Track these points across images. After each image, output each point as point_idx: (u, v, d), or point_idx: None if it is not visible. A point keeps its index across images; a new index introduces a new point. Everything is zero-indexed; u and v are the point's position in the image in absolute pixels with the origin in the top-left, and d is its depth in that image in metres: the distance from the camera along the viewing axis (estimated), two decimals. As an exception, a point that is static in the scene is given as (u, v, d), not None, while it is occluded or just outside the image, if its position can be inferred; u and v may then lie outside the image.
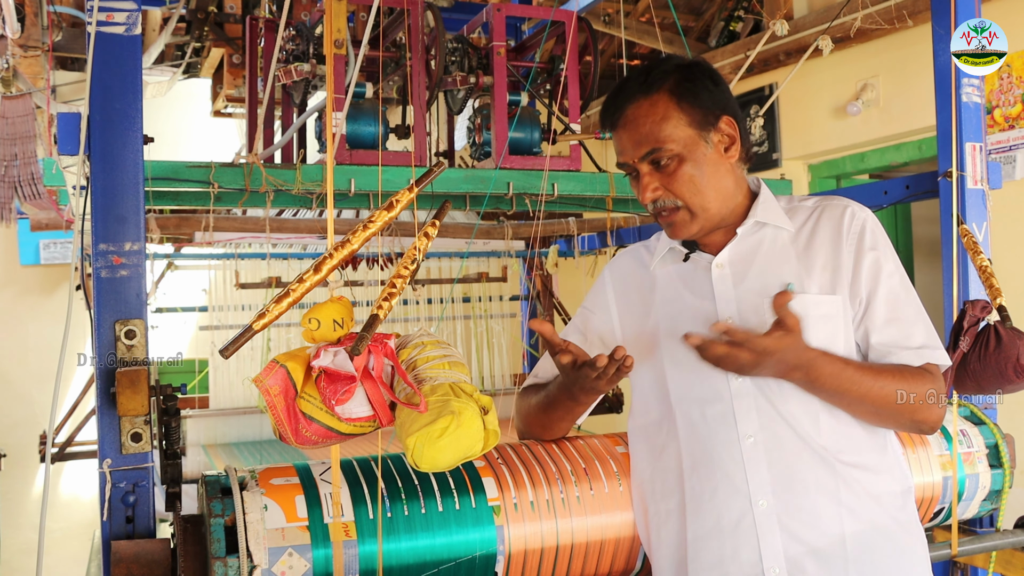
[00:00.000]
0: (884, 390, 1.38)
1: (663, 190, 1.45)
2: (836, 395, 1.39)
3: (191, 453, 2.95)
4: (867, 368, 1.40)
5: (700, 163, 1.45)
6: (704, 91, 1.46)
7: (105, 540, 1.54)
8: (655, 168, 1.45)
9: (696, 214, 1.46)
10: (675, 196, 1.45)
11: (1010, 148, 3.72)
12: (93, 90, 1.59)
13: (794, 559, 1.39)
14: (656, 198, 1.46)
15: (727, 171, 1.49)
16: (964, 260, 2.16)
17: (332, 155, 1.62)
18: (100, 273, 1.58)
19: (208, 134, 5.76)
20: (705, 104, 1.46)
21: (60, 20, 3.33)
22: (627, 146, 1.47)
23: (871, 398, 1.39)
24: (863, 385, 1.38)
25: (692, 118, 1.45)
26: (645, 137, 1.44)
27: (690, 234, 1.48)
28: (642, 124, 1.45)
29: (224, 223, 2.76)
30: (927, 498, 1.87)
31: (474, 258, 3.53)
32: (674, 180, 1.44)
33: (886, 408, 1.40)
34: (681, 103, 1.45)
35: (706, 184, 1.45)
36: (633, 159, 1.47)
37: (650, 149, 1.44)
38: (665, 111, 1.44)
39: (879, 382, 1.38)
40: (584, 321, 1.65)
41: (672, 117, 1.44)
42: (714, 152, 1.46)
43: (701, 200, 1.45)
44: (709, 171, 1.45)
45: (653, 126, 1.44)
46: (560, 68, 2.62)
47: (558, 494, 1.56)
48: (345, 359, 1.25)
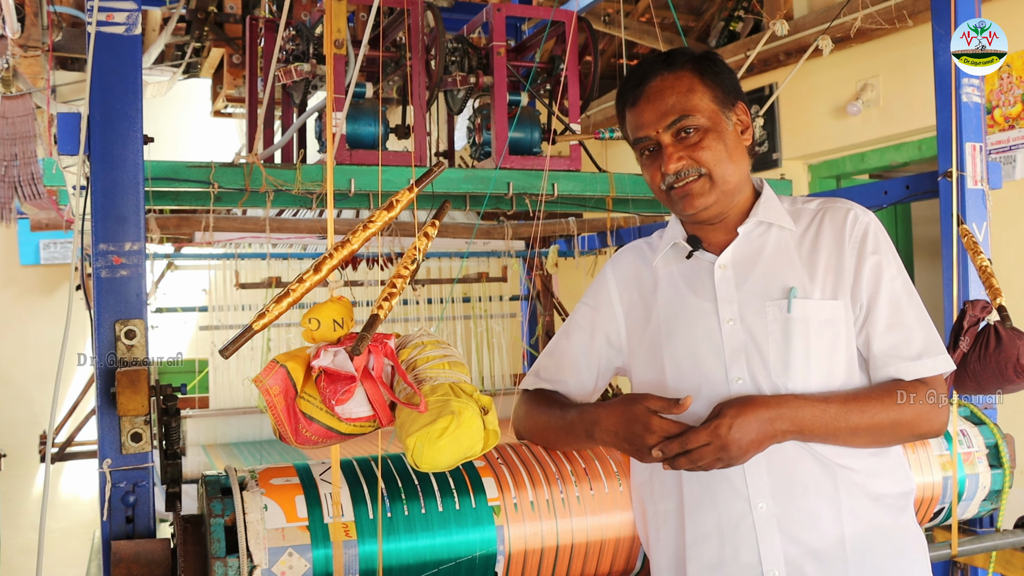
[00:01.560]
0: (875, 420, 1.38)
1: (688, 159, 1.45)
2: (831, 438, 1.39)
3: (191, 453, 2.95)
4: (852, 400, 1.39)
5: (724, 136, 1.47)
6: (724, 73, 1.50)
7: (105, 540, 1.54)
8: (678, 140, 1.46)
9: (716, 183, 1.46)
10: (699, 164, 1.45)
11: (1010, 148, 3.72)
12: (93, 90, 1.59)
13: (793, 561, 1.39)
14: (681, 168, 1.46)
15: (743, 153, 1.51)
16: (964, 260, 2.16)
17: (332, 155, 1.62)
18: (100, 273, 1.58)
19: (208, 134, 5.76)
20: (725, 85, 1.49)
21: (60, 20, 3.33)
22: (650, 118, 1.47)
23: (864, 430, 1.38)
24: (851, 421, 1.37)
25: (715, 95, 1.47)
26: (672, 107, 1.46)
27: (706, 205, 1.47)
28: (668, 95, 1.46)
29: (224, 223, 2.76)
30: (927, 498, 1.87)
31: (474, 258, 3.53)
32: (698, 149, 1.45)
33: (882, 434, 1.40)
34: (704, 79, 1.47)
35: (729, 156, 1.47)
36: (656, 130, 1.47)
37: (677, 117, 1.45)
38: (690, 84, 1.47)
39: (866, 414, 1.38)
40: (589, 319, 1.63)
41: (697, 90, 1.46)
42: (734, 130, 1.49)
43: (723, 170, 1.46)
44: (732, 145, 1.48)
45: (680, 97, 1.46)
46: (560, 68, 2.62)
47: (558, 494, 1.56)
48: (345, 359, 1.25)
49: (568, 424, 1.54)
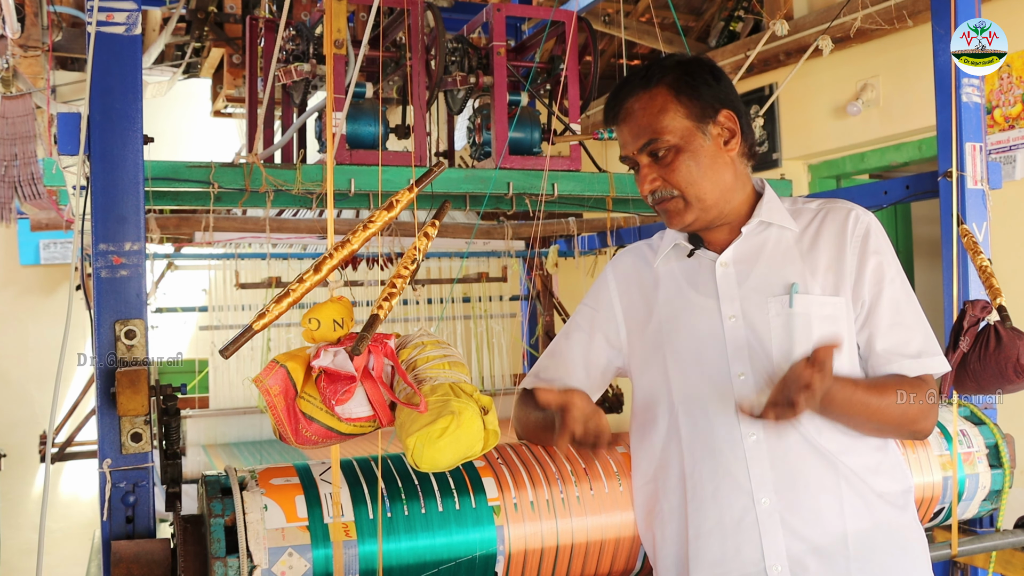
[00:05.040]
0: (888, 408, 1.40)
1: (661, 181, 1.47)
2: (846, 417, 1.40)
3: (191, 453, 2.95)
4: (872, 387, 1.41)
5: (697, 154, 1.46)
6: (703, 85, 1.48)
7: (105, 540, 1.54)
8: (654, 160, 1.47)
9: (691, 203, 1.47)
10: (672, 186, 1.47)
11: (1010, 148, 3.72)
12: (93, 90, 1.59)
13: (796, 557, 1.39)
14: (655, 189, 1.48)
15: (725, 164, 1.49)
16: (964, 260, 2.16)
17: (332, 155, 1.62)
18: (100, 273, 1.58)
19: (208, 134, 5.76)
20: (704, 97, 1.48)
21: (60, 20, 3.33)
22: (628, 139, 1.50)
23: (877, 417, 1.40)
24: (871, 406, 1.39)
25: (690, 111, 1.47)
26: (643, 129, 1.47)
27: (685, 223, 1.49)
28: (641, 117, 1.47)
29: (224, 223, 2.76)
30: (927, 498, 1.87)
31: (474, 258, 3.53)
32: (671, 171, 1.46)
33: (888, 424, 1.42)
34: (679, 96, 1.47)
35: (702, 175, 1.46)
36: (633, 151, 1.49)
37: (647, 140, 1.46)
38: (663, 103, 1.46)
39: (884, 400, 1.39)
40: (589, 320, 1.64)
41: (670, 109, 1.46)
42: (712, 144, 1.48)
43: (696, 190, 1.46)
44: (706, 162, 1.47)
45: (651, 118, 1.46)
46: (560, 68, 2.62)
47: (558, 494, 1.56)
48: (345, 359, 1.25)
49: (551, 422, 1.54)
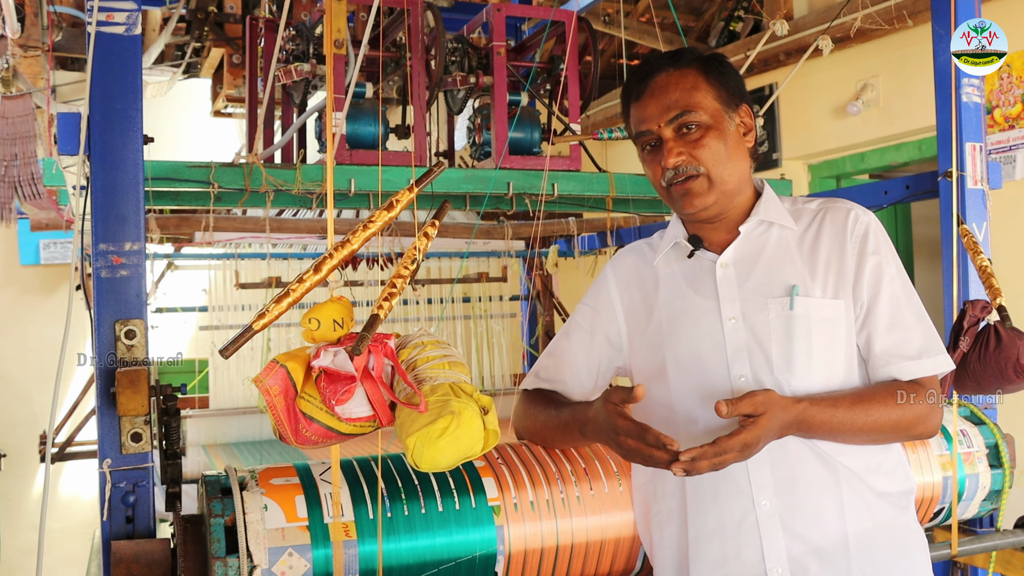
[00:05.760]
0: (877, 420, 1.39)
1: (688, 155, 1.46)
2: (831, 436, 1.40)
3: (191, 453, 2.95)
4: (857, 402, 1.40)
5: (724, 135, 1.47)
6: (729, 74, 1.51)
7: (105, 540, 1.54)
8: (679, 135, 1.47)
9: (714, 183, 1.47)
10: (698, 162, 1.46)
11: (1010, 148, 3.72)
12: (93, 90, 1.59)
13: (797, 559, 1.39)
14: (679, 163, 1.46)
15: (744, 155, 1.51)
16: (964, 260, 2.16)
17: (332, 155, 1.62)
18: (100, 273, 1.58)
19: (208, 134, 5.75)
20: (730, 86, 1.50)
21: (60, 20, 3.32)
22: (653, 112, 1.48)
23: (865, 430, 1.40)
24: (856, 422, 1.38)
25: (719, 94, 1.48)
26: (675, 102, 1.46)
27: (704, 205, 1.48)
28: (672, 91, 1.47)
29: (224, 223, 2.76)
30: (927, 498, 1.87)
31: (474, 258, 3.53)
32: (698, 147, 1.46)
33: (882, 433, 1.41)
34: (709, 78, 1.48)
35: (728, 157, 1.47)
36: (659, 124, 1.47)
37: (679, 112, 1.46)
38: (695, 82, 1.48)
39: (871, 415, 1.39)
40: (589, 319, 1.64)
41: (701, 88, 1.47)
42: (736, 131, 1.49)
43: (721, 171, 1.46)
44: (732, 146, 1.48)
45: (683, 93, 1.47)
46: (560, 68, 2.62)
47: (558, 494, 1.56)
48: (345, 359, 1.25)
49: (563, 423, 1.55)
